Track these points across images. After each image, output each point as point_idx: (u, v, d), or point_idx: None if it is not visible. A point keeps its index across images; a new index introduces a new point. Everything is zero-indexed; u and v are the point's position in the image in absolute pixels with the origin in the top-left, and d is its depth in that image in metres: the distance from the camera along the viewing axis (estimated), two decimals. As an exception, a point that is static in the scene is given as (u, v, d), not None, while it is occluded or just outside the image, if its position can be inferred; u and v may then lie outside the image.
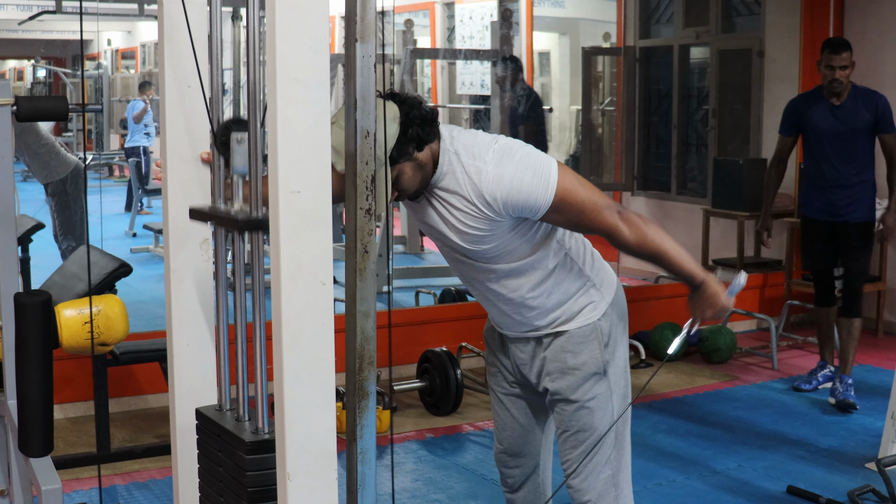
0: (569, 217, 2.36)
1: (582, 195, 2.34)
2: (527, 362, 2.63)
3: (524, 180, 2.30)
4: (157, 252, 8.68)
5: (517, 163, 2.32)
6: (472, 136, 2.39)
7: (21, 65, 17.98)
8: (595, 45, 9.83)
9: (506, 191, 2.31)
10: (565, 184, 2.33)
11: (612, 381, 2.57)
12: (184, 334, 2.14)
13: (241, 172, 1.88)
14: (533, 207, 2.33)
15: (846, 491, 3.86)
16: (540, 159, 2.34)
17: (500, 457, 2.79)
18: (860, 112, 4.88)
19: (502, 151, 2.34)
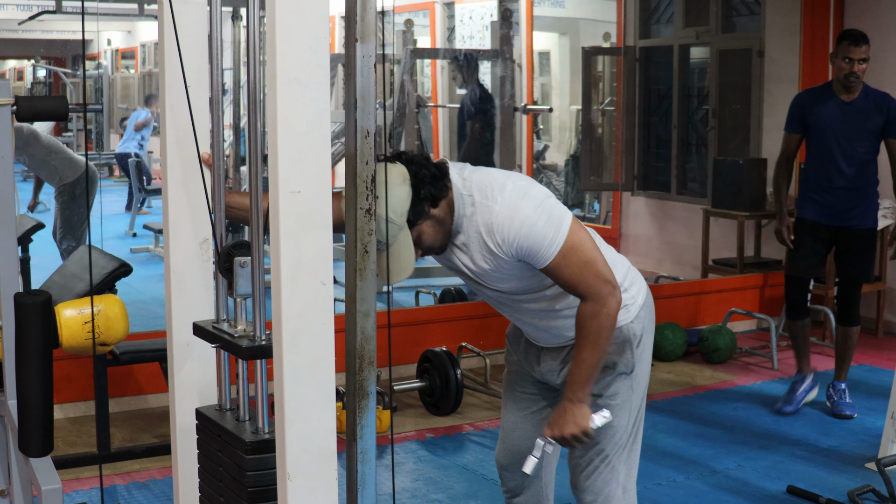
0: (568, 274, 2.34)
1: (588, 254, 2.34)
2: (555, 369, 2.63)
3: (537, 225, 2.30)
4: (157, 252, 8.68)
5: (532, 208, 2.31)
6: (484, 174, 2.39)
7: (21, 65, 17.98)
8: (595, 45, 9.83)
9: (514, 233, 2.31)
10: (575, 238, 2.32)
11: (635, 380, 2.58)
12: (184, 334, 2.14)
13: (244, 295, 1.91)
14: (538, 254, 2.32)
15: (846, 491, 3.86)
16: (555, 210, 2.34)
17: (503, 462, 2.78)
18: (871, 113, 4.68)
19: (517, 193, 2.33)
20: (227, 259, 1.93)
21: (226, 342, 1.93)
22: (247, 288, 1.89)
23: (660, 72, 8.25)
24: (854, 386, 5.38)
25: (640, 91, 8.29)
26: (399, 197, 2.24)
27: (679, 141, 8.02)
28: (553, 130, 11.97)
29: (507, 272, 2.40)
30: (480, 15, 9.44)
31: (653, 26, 8.25)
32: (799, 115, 4.80)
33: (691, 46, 7.94)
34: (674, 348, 5.85)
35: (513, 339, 2.75)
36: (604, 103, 9.24)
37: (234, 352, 1.90)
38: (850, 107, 4.69)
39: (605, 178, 8.82)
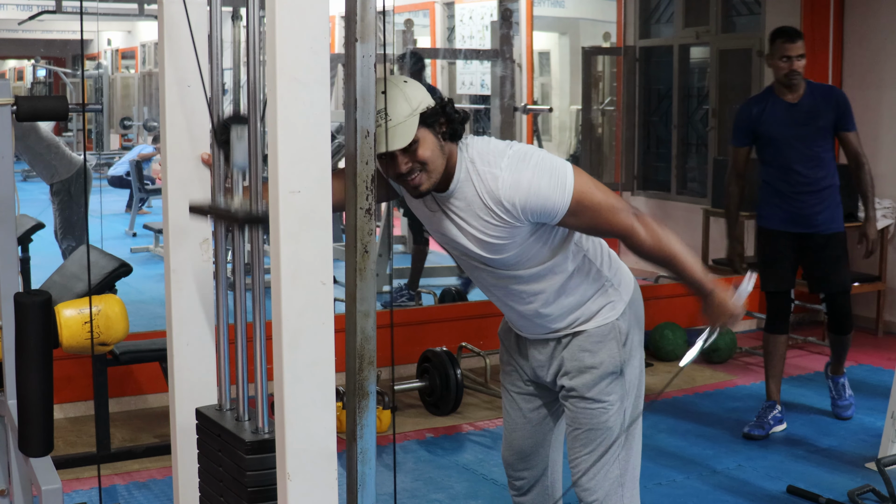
0: (586, 220, 2.37)
1: (598, 197, 2.36)
2: (544, 364, 2.63)
3: (541, 184, 2.31)
4: (157, 252, 8.68)
5: (533, 167, 2.33)
6: (485, 143, 2.40)
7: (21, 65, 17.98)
8: (595, 44, 9.83)
9: (524, 195, 2.32)
10: (581, 187, 2.34)
11: (627, 380, 2.58)
12: (184, 334, 2.14)
13: (242, 167, 1.88)
14: (551, 211, 2.34)
15: (846, 491, 3.86)
16: (555, 164, 2.36)
17: (509, 459, 2.78)
18: (821, 110, 4.43)
19: (517, 157, 2.35)
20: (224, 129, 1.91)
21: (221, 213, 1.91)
22: (244, 159, 1.87)
23: (660, 72, 8.25)
24: (854, 386, 5.38)
25: (640, 91, 8.29)
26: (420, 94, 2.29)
27: (679, 141, 8.02)
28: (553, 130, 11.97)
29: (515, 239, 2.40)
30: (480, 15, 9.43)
31: (653, 26, 8.25)
32: (746, 126, 4.52)
33: (691, 46, 7.94)
34: (674, 348, 5.85)
35: (504, 338, 2.76)
36: (604, 103, 9.24)
37: (231, 219, 1.88)
38: (797, 108, 4.45)
39: (605, 177, 8.81)
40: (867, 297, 6.52)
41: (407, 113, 2.25)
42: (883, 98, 6.47)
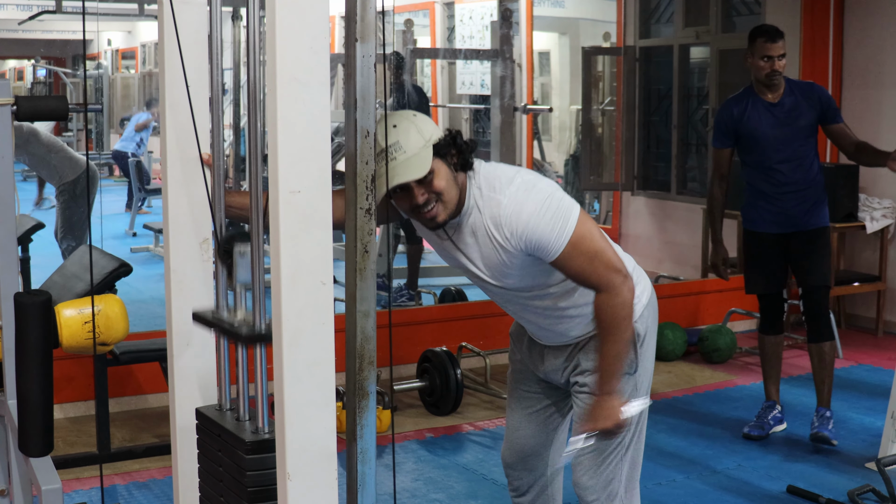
0: (577, 264, 2.35)
1: (596, 245, 2.35)
2: (559, 368, 2.63)
3: (543, 219, 2.31)
4: (157, 252, 8.68)
5: (539, 202, 2.32)
6: (493, 167, 2.40)
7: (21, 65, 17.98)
8: (595, 45, 9.83)
9: (523, 227, 2.32)
10: (582, 230, 2.33)
11: (638, 380, 2.58)
12: (184, 334, 2.14)
13: (244, 283, 1.91)
14: (546, 249, 2.33)
15: (846, 491, 3.86)
16: (563, 202, 2.35)
17: (509, 460, 2.78)
18: (802, 108, 4.34)
19: (524, 187, 2.34)
20: (226, 249, 1.93)
21: (225, 329, 1.93)
22: (246, 276, 1.89)
23: (660, 72, 8.25)
24: (854, 386, 5.39)
25: (640, 91, 8.29)
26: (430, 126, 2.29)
27: (679, 141, 8.02)
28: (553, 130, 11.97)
29: (514, 267, 2.40)
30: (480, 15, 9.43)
31: (653, 26, 8.25)
32: (727, 127, 4.43)
33: (691, 46, 7.94)
34: (674, 348, 5.85)
35: (516, 338, 2.75)
36: (604, 103, 9.24)
37: (234, 338, 1.90)
38: (778, 107, 4.35)
39: (605, 177, 8.82)
40: (867, 297, 6.52)
41: (421, 144, 2.25)
42: (883, 98, 6.47)
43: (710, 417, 4.90)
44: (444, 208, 2.33)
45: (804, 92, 4.39)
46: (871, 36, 6.54)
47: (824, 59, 6.65)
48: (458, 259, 2.46)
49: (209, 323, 2.00)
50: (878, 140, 6.42)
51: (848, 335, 6.34)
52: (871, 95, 6.52)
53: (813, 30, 6.63)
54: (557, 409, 2.72)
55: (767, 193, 4.41)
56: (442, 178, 2.30)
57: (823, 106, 4.36)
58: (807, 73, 6.54)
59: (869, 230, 6.32)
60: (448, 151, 2.31)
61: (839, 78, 6.70)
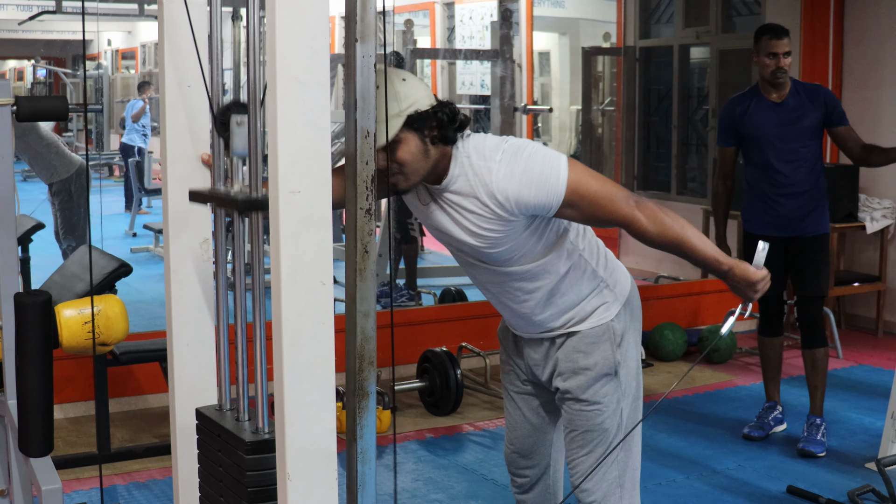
0: (583, 210, 2.34)
1: (594, 186, 2.33)
2: (539, 363, 2.63)
3: (533, 176, 2.30)
4: (157, 252, 8.68)
5: (526, 160, 2.32)
6: (481, 138, 2.39)
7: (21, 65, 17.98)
8: (595, 45, 9.83)
9: (516, 188, 2.30)
10: (576, 176, 2.32)
11: (623, 381, 2.57)
12: (184, 334, 2.14)
13: (241, 155, 1.88)
14: (545, 203, 2.32)
15: (846, 491, 3.86)
16: (549, 155, 2.34)
17: (511, 458, 2.79)
18: (807, 109, 4.33)
19: (511, 150, 2.34)
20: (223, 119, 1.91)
21: (221, 198, 1.91)
22: (243, 147, 1.87)
23: (660, 72, 8.25)
24: (854, 386, 5.39)
25: (640, 91, 8.29)
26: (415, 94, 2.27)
27: (679, 141, 8.02)
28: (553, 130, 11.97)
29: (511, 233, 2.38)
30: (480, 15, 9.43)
31: (653, 26, 8.25)
32: (731, 125, 4.44)
33: (691, 46, 7.94)
34: (674, 348, 5.85)
35: (502, 337, 2.76)
36: (604, 103, 9.24)
37: (230, 205, 1.88)
38: (782, 107, 4.35)
39: (605, 178, 8.81)
40: (867, 297, 6.52)
41: (393, 112, 2.24)
42: (883, 98, 6.48)
43: (710, 417, 4.90)
44: (405, 179, 2.32)
45: (810, 93, 4.38)
46: (871, 36, 6.54)
47: (824, 59, 6.65)
48: (443, 225, 2.44)
49: (205, 197, 1.97)
50: (878, 140, 6.42)
51: (848, 335, 6.34)
52: (871, 95, 6.52)
53: (813, 30, 6.63)
54: (550, 407, 2.72)
55: (767, 195, 4.40)
56: (406, 151, 2.28)
57: (829, 108, 4.35)
58: (807, 73, 6.54)
59: (869, 230, 6.33)
60: (426, 125, 2.29)
61: (839, 78, 6.70)
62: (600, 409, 2.55)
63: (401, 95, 2.26)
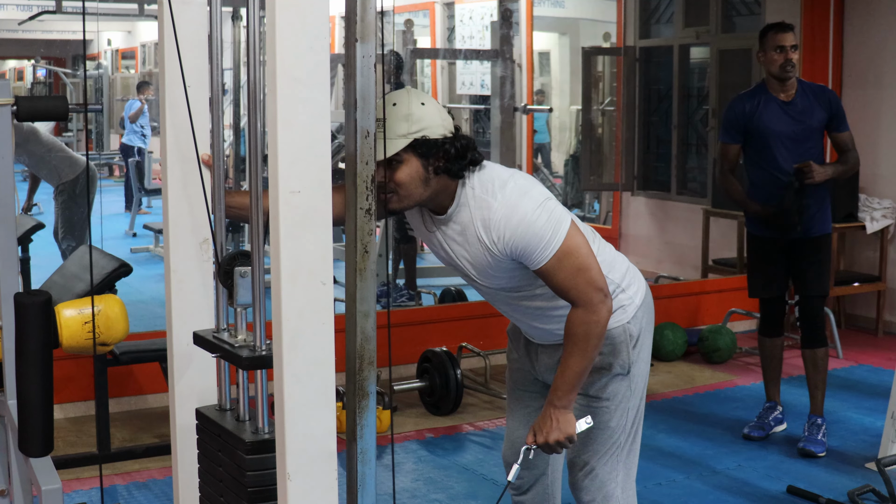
0: (561, 279, 2.32)
1: (583, 259, 2.32)
2: (552, 367, 2.62)
3: (536, 224, 2.29)
4: (157, 252, 8.68)
5: (531, 209, 2.30)
6: (489, 169, 2.38)
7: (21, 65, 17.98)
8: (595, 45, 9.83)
9: (511, 231, 2.30)
10: (572, 241, 2.31)
11: (633, 381, 2.58)
12: (184, 334, 2.14)
13: (245, 305, 1.91)
14: (533, 254, 2.31)
15: (846, 491, 3.86)
16: (554, 213, 2.32)
17: (510, 458, 2.78)
18: (814, 109, 4.32)
19: (518, 191, 2.32)
20: (227, 269, 1.93)
21: (226, 352, 1.93)
22: (247, 298, 1.88)
23: (660, 72, 8.25)
24: (854, 386, 5.39)
25: (640, 91, 8.29)
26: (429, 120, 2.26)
27: (679, 141, 8.02)
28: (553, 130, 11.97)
29: (500, 270, 2.39)
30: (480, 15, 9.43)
31: (653, 26, 8.25)
32: (737, 123, 4.39)
33: (691, 46, 7.94)
34: (674, 348, 5.85)
35: (513, 337, 2.76)
36: (604, 103, 9.24)
37: (235, 362, 1.90)
38: (790, 106, 4.33)
39: (605, 178, 8.82)
40: (867, 297, 6.52)
41: (401, 133, 2.24)
42: (883, 98, 6.48)
43: (710, 417, 4.90)
44: (399, 201, 2.31)
45: (816, 94, 4.38)
46: (871, 36, 6.54)
47: (824, 59, 6.65)
48: (447, 254, 2.45)
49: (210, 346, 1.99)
50: (878, 140, 6.44)
51: (848, 335, 6.34)
52: (871, 95, 6.52)
53: (813, 30, 6.63)
54: None
55: (771, 195, 4.36)
56: (405, 173, 2.27)
57: (833, 111, 4.35)
58: (807, 73, 6.53)
59: (869, 230, 6.33)
60: (432, 153, 2.28)
61: (839, 78, 6.70)
62: (608, 407, 2.55)
63: (413, 117, 2.25)
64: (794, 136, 4.33)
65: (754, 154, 4.42)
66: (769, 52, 4.32)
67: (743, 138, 4.42)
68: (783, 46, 4.29)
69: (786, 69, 4.30)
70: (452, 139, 2.29)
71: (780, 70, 4.30)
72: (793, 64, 4.31)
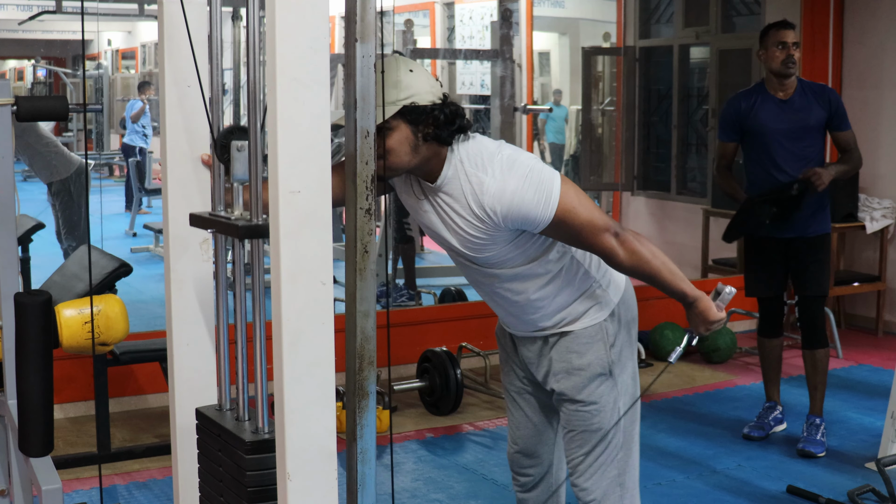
0: (566, 235, 2.38)
1: (581, 216, 2.34)
2: (534, 361, 2.64)
3: (525, 196, 2.30)
4: (157, 252, 8.68)
5: (520, 177, 2.31)
6: (476, 143, 2.38)
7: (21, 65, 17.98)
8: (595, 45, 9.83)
9: (506, 204, 2.31)
10: (566, 203, 2.33)
11: (618, 381, 2.58)
12: (184, 334, 2.14)
13: (241, 180, 1.89)
14: (532, 223, 2.33)
15: (846, 491, 3.86)
16: (543, 175, 2.34)
17: (515, 457, 2.79)
18: (813, 108, 4.30)
19: (506, 163, 2.33)
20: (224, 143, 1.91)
21: (221, 224, 1.91)
22: (244, 172, 1.87)
23: (660, 72, 8.25)
24: (854, 386, 5.39)
25: (640, 91, 8.29)
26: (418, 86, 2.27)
27: (679, 141, 8.02)
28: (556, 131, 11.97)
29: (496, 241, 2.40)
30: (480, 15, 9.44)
31: (653, 26, 8.25)
32: (735, 121, 4.39)
33: (691, 46, 7.94)
34: (674, 348, 5.83)
35: (500, 337, 2.77)
36: (604, 103, 9.24)
37: (230, 232, 1.88)
38: (788, 105, 4.31)
39: (605, 178, 8.82)
40: (867, 297, 6.52)
41: (390, 100, 2.25)
42: (883, 98, 6.48)
43: (710, 417, 4.90)
44: (389, 167, 2.32)
45: (816, 92, 4.36)
46: (871, 36, 6.54)
47: (824, 59, 6.65)
48: (434, 225, 2.45)
49: (206, 222, 1.97)
50: (878, 140, 6.44)
51: (848, 335, 6.34)
52: (871, 95, 6.52)
53: (813, 30, 6.63)
54: (549, 406, 2.73)
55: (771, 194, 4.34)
56: (395, 139, 2.28)
57: (833, 110, 4.33)
58: (807, 73, 6.53)
59: (869, 230, 6.33)
60: (421, 120, 2.29)
61: (839, 78, 6.70)
62: (597, 410, 2.55)
63: (402, 84, 2.26)
64: (790, 134, 4.31)
65: (752, 152, 4.41)
66: (770, 48, 4.31)
67: (739, 136, 4.42)
68: (785, 43, 4.28)
69: (787, 66, 4.28)
70: (441, 105, 2.31)
71: (781, 66, 4.29)
72: (794, 61, 4.30)
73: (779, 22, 4.42)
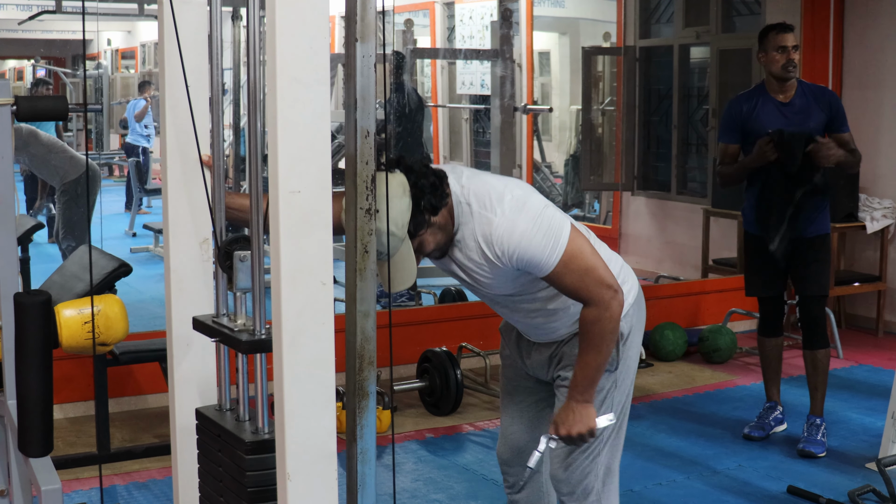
0: (569, 282, 2.36)
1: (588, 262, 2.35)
2: (544, 364, 2.65)
3: (534, 240, 2.32)
4: (157, 252, 8.68)
5: (530, 220, 2.33)
6: (482, 182, 2.39)
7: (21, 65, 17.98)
8: (595, 45, 9.83)
9: (514, 246, 2.32)
10: (574, 248, 2.34)
11: (619, 376, 2.60)
12: (184, 335, 2.14)
13: (244, 290, 1.90)
14: (537, 267, 2.35)
15: (846, 491, 3.86)
16: (554, 220, 2.35)
17: (504, 456, 2.80)
18: (813, 110, 4.30)
19: (516, 205, 2.34)
20: (226, 253, 1.93)
21: (225, 336, 1.93)
22: (246, 282, 1.89)
23: (660, 72, 8.24)
24: (854, 386, 5.39)
25: (640, 91, 8.28)
26: (399, 209, 2.26)
27: (679, 141, 8.02)
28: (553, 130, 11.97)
29: (503, 279, 2.42)
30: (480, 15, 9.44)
31: (653, 26, 8.25)
32: (736, 123, 4.39)
33: (691, 46, 7.93)
34: (674, 348, 5.85)
35: (505, 333, 2.78)
36: (604, 103, 9.24)
37: (234, 345, 1.90)
38: (788, 107, 4.32)
39: (605, 178, 8.82)
40: (867, 297, 6.52)
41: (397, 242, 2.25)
42: (883, 98, 6.48)
43: (710, 417, 4.90)
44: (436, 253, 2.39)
45: (816, 94, 4.36)
46: (871, 36, 6.54)
47: (824, 59, 6.65)
48: (450, 267, 2.48)
49: (210, 330, 1.99)
50: (878, 140, 6.44)
51: (848, 335, 6.34)
52: (871, 95, 6.52)
53: (813, 30, 6.62)
54: (548, 403, 2.74)
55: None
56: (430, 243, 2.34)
57: (833, 111, 4.33)
58: (807, 73, 6.53)
59: (869, 230, 6.33)
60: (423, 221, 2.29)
61: (839, 78, 6.70)
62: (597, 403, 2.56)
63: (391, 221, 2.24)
64: None
65: None
66: (770, 52, 4.32)
67: (741, 138, 4.42)
68: (785, 47, 4.29)
69: (787, 69, 4.29)
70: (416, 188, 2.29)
71: (781, 70, 4.30)
72: (794, 64, 4.31)
73: (778, 25, 4.41)
